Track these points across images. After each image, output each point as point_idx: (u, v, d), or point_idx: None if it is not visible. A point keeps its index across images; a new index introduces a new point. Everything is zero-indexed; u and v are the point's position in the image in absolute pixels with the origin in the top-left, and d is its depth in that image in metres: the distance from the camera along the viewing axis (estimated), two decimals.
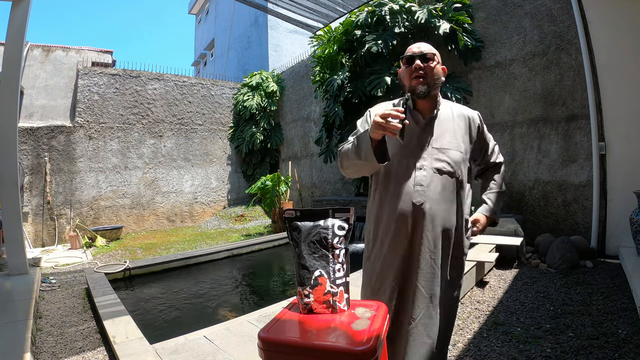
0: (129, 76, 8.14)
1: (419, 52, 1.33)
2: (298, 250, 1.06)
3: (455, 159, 1.32)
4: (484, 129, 1.45)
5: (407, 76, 1.34)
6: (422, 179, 1.28)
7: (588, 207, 4.03)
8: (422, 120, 1.35)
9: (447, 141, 1.33)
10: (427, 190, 1.27)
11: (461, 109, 1.44)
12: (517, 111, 4.67)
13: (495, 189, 1.52)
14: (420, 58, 1.32)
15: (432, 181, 1.28)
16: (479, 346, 2.19)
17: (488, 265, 3.54)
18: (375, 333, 0.88)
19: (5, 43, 3.76)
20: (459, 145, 1.34)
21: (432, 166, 1.30)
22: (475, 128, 1.41)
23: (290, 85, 9.34)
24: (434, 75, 1.32)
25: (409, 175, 1.30)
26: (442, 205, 1.29)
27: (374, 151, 1.21)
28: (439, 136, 1.34)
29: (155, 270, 4.49)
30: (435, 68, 1.33)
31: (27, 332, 2.36)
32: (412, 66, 1.32)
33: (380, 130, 1.15)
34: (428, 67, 1.31)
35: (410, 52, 1.35)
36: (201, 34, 19.81)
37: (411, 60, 1.34)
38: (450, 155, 1.31)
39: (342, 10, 5.13)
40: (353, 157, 1.31)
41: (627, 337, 2.13)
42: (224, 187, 9.55)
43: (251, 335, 2.28)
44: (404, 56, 1.36)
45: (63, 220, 7.16)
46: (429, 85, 1.31)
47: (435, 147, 1.32)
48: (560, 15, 4.22)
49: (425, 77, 1.31)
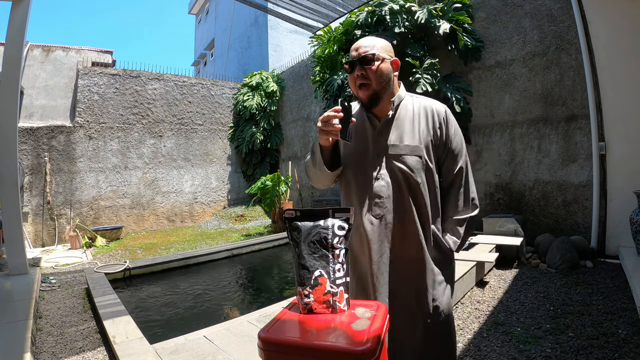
0: (129, 76, 8.14)
1: (357, 55, 1.19)
2: (298, 250, 1.06)
3: (415, 165, 1.19)
4: (449, 125, 1.26)
5: (352, 84, 1.22)
6: (380, 190, 1.19)
7: (588, 207, 4.03)
8: (378, 124, 1.24)
9: (404, 145, 1.20)
10: (386, 202, 1.18)
11: (425, 103, 1.28)
12: (517, 111, 4.67)
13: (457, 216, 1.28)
14: (360, 62, 1.18)
15: (391, 192, 1.19)
16: (479, 346, 2.19)
17: (488, 265, 3.54)
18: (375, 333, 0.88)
19: (5, 43, 3.76)
20: (418, 149, 1.20)
21: (390, 174, 1.19)
22: (438, 124, 1.25)
23: (290, 85, 9.34)
24: (379, 78, 1.19)
25: (367, 187, 1.20)
26: (404, 216, 1.19)
27: (326, 159, 1.17)
28: (397, 140, 1.22)
29: (155, 270, 4.49)
30: (379, 69, 1.18)
31: (27, 332, 2.36)
32: (354, 73, 1.20)
33: (324, 136, 1.10)
34: (370, 70, 1.17)
35: (349, 55, 1.22)
36: (201, 34, 19.81)
37: (352, 65, 1.20)
38: (407, 162, 1.19)
39: (342, 10, 5.14)
40: (311, 168, 1.25)
41: (627, 337, 2.13)
42: (224, 187, 9.55)
43: (251, 335, 2.28)
44: (346, 62, 1.22)
45: (63, 220, 7.16)
46: (375, 91, 1.19)
47: (392, 153, 1.20)
48: (560, 15, 4.22)
49: (369, 85, 1.19)
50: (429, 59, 4.81)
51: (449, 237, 1.27)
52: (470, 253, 3.64)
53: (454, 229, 1.27)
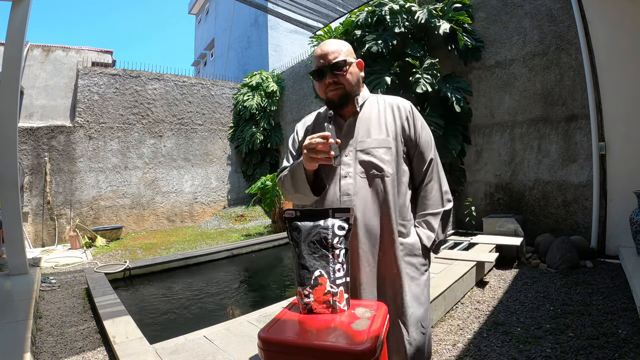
0: (129, 76, 8.14)
1: (327, 62, 1.17)
2: (298, 250, 1.06)
3: (384, 157, 1.18)
4: (415, 119, 1.25)
5: (322, 90, 1.21)
6: (348, 188, 1.17)
7: (588, 207, 4.03)
8: (344, 123, 1.24)
9: (372, 139, 1.20)
10: (355, 199, 1.15)
11: (390, 100, 1.28)
12: (517, 111, 4.67)
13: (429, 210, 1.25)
14: (331, 69, 1.17)
15: (360, 188, 1.16)
16: (479, 346, 2.19)
17: (488, 265, 3.54)
18: (375, 333, 0.88)
19: (5, 43, 3.76)
20: (387, 141, 1.19)
21: (358, 171, 1.17)
22: (404, 118, 1.23)
23: (290, 85, 9.34)
24: (351, 82, 1.19)
25: (335, 186, 1.18)
26: (375, 214, 1.16)
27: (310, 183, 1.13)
28: (364, 136, 1.21)
29: (155, 270, 4.49)
30: (349, 73, 1.19)
31: (27, 332, 2.36)
32: (325, 80, 1.18)
33: (313, 162, 1.08)
34: (342, 77, 1.17)
35: (317, 63, 1.19)
36: (201, 34, 19.81)
37: (321, 74, 1.18)
38: (376, 155, 1.17)
39: (342, 10, 5.14)
40: (291, 190, 1.21)
41: (627, 337, 2.13)
42: (224, 187, 9.55)
43: (251, 335, 2.28)
44: (312, 71, 1.21)
45: (63, 220, 7.16)
46: (347, 93, 1.19)
47: (360, 149, 1.19)
48: (560, 15, 4.22)
49: (341, 88, 1.18)
50: (429, 59, 4.81)
51: (422, 231, 1.24)
52: (470, 253, 3.65)
53: (428, 223, 1.24)
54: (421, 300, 1.21)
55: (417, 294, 1.20)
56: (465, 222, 4.97)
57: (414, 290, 1.20)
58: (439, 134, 4.60)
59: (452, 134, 4.85)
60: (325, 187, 1.18)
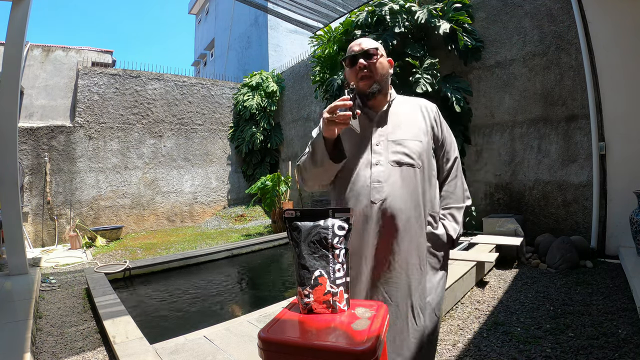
0: (129, 76, 8.14)
1: (360, 49, 1.25)
2: (298, 250, 1.06)
3: (415, 149, 1.22)
4: (441, 121, 1.34)
5: (353, 77, 1.27)
6: (379, 175, 1.19)
7: (588, 207, 4.03)
8: (375, 115, 1.29)
9: (403, 132, 1.25)
10: (386, 186, 1.18)
11: (417, 101, 1.36)
12: (517, 111, 4.67)
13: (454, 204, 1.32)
14: (363, 56, 1.24)
15: (390, 175, 1.19)
16: (479, 346, 2.19)
17: (488, 265, 3.54)
18: (375, 333, 0.88)
19: (5, 43, 3.76)
20: (418, 135, 1.25)
21: (389, 159, 1.21)
22: (431, 119, 1.31)
23: (290, 85, 9.34)
24: (381, 71, 1.26)
25: (366, 173, 1.21)
26: (405, 201, 1.18)
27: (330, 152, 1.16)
28: (395, 128, 1.26)
29: (155, 270, 4.49)
30: (380, 63, 1.26)
31: (27, 332, 2.36)
32: (356, 66, 1.25)
33: (331, 126, 1.10)
34: (372, 64, 1.24)
35: (351, 51, 1.28)
36: (201, 34, 19.82)
37: (354, 60, 1.26)
38: (408, 146, 1.22)
39: (342, 10, 5.14)
40: (310, 167, 1.23)
41: (627, 337, 2.13)
42: (224, 187, 9.55)
43: (251, 335, 2.28)
44: (346, 57, 1.28)
45: (63, 220, 7.16)
46: (377, 82, 1.25)
47: (392, 140, 1.23)
48: (560, 15, 4.22)
49: (371, 76, 1.25)
50: (429, 59, 4.81)
51: (448, 223, 1.29)
52: (470, 253, 3.64)
53: (454, 216, 1.31)
54: (438, 291, 1.25)
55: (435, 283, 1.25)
56: (465, 222, 4.96)
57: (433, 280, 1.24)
58: None
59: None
60: (345, 156, 1.19)
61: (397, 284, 1.19)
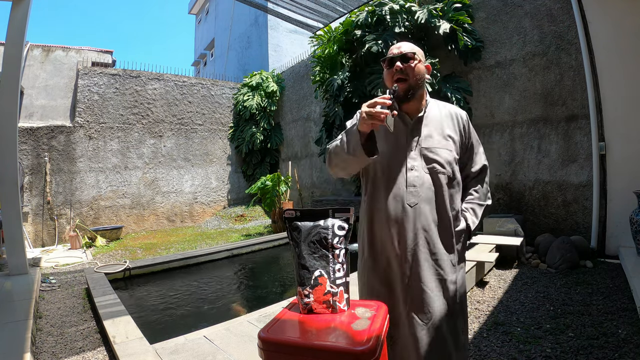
0: (129, 76, 8.14)
1: (399, 52, 1.30)
2: (298, 250, 1.06)
3: (447, 157, 1.30)
4: (470, 129, 1.42)
5: (390, 78, 1.32)
6: (414, 180, 1.26)
7: (588, 207, 4.03)
8: (410, 121, 1.33)
9: (436, 140, 1.31)
10: (420, 191, 1.25)
11: (449, 108, 1.41)
12: (517, 111, 4.67)
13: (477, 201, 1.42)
14: (401, 59, 1.29)
15: (424, 181, 1.26)
16: (479, 346, 2.19)
17: (488, 265, 3.54)
18: (375, 333, 0.88)
19: (5, 43, 3.76)
20: (448, 144, 1.32)
21: (424, 166, 1.28)
22: (462, 127, 1.38)
23: (290, 85, 9.34)
24: (416, 75, 1.29)
25: (401, 177, 1.28)
26: (436, 205, 1.27)
27: (362, 145, 1.19)
28: (428, 136, 1.32)
29: (155, 270, 4.49)
30: (417, 67, 1.29)
31: (27, 332, 2.36)
32: (393, 68, 1.30)
33: (368, 121, 1.13)
34: (409, 67, 1.28)
35: (390, 53, 1.33)
36: (201, 34, 19.81)
37: (392, 62, 1.31)
38: (440, 154, 1.29)
39: (342, 10, 5.14)
40: (341, 153, 1.27)
41: (627, 337, 2.13)
42: (224, 187, 9.55)
43: (251, 335, 2.28)
44: (384, 58, 1.33)
45: (63, 220, 7.16)
46: (411, 86, 1.29)
47: (425, 147, 1.30)
48: (560, 15, 4.22)
49: (407, 79, 1.28)
50: (429, 58, 4.81)
51: (469, 215, 1.38)
52: (470, 253, 3.64)
53: (474, 210, 1.39)
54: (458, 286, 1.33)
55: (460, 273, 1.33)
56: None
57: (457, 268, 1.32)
58: None
59: None
60: (377, 152, 1.23)
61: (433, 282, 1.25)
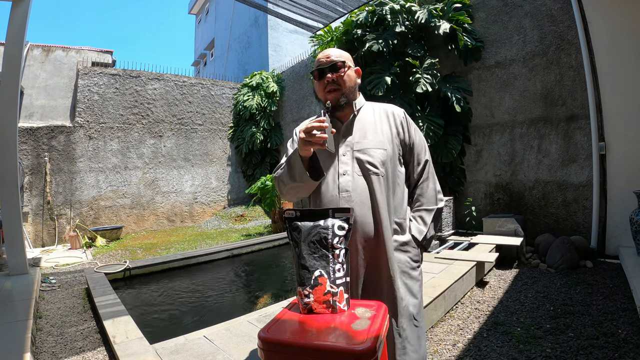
0: (129, 76, 8.14)
1: (328, 62, 1.27)
2: (298, 250, 1.06)
3: (380, 157, 1.25)
4: (409, 125, 1.34)
5: (321, 90, 1.29)
6: (346, 185, 1.22)
7: (588, 207, 4.03)
8: (341, 125, 1.30)
9: (368, 141, 1.27)
10: (354, 195, 1.21)
11: (384, 107, 1.37)
12: (517, 111, 4.67)
13: (424, 207, 1.33)
14: (330, 69, 1.26)
15: (357, 185, 1.22)
16: (479, 346, 2.19)
17: (488, 265, 3.54)
18: (375, 333, 0.88)
19: (5, 43, 3.76)
20: (383, 143, 1.27)
21: (355, 169, 1.24)
22: (399, 124, 1.33)
23: (290, 85, 9.34)
24: (348, 83, 1.28)
25: (333, 183, 1.24)
26: (369, 209, 1.21)
27: (308, 169, 1.17)
28: (361, 137, 1.28)
29: (155, 270, 4.49)
30: (347, 75, 1.28)
31: (27, 332, 2.36)
32: (324, 79, 1.27)
33: (307, 146, 1.12)
34: (339, 77, 1.26)
35: (318, 63, 1.29)
36: (201, 34, 19.81)
37: (321, 73, 1.28)
38: (374, 155, 1.24)
39: (342, 10, 5.13)
40: (288, 182, 1.25)
41: (627, 337, 2.13)
42: (224, 187, 9.55)
43: (251, 335, 2.28)
44: (313, 70, 1.30)
45: (63, 220, 7.16)
46: (345, 94, 1.27)
47: (357, 149, 1.26)
48: (560, 15, 4.22)
49: (339, 89, 1.26)
50: (429, 58, 4.81)
51: (414, 225, 1.31)
52: (470, 253, 3.65)
53: (422, 218, 1.32)
54: (413, 293, 1.26)
55: (409, 287, 1.25)
56: (465, 222, 4.97)
57: (407, 282, 1.25)
58: (439, 133, 4.60)
59: (452, 134, 4.85)
60: (323, 174, 1.22)
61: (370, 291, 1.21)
